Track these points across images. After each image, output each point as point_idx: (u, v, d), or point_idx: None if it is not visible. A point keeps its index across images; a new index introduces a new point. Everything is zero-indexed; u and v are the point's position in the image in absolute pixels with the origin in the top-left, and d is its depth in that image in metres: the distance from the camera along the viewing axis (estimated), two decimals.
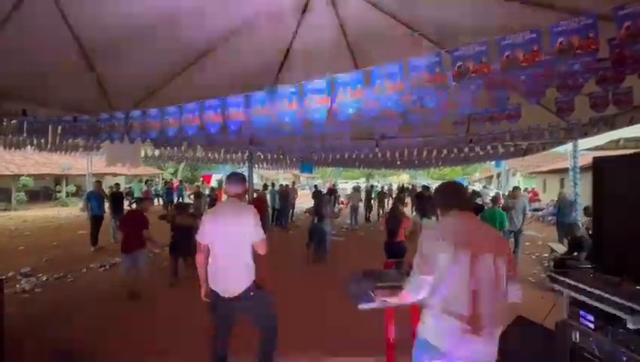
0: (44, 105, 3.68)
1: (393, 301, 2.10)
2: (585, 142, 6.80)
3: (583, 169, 6.14)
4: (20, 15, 2.49)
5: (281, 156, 9.10)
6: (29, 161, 18.10)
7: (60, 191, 20.36)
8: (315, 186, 13.88)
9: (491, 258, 1.63)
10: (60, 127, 3.40)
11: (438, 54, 2.03)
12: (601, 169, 2.63)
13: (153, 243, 4.74)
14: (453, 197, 1.84)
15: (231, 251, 2.39)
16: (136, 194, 14.55)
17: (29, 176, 17.98)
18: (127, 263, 4.66)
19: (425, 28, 3.18)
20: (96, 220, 7.93)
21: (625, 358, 1.96)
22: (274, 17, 3.23)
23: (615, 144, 9.26)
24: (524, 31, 1.80)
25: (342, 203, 15.30)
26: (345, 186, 24.84)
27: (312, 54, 3.78)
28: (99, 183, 8.65)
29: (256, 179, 18.85)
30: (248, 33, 3.36)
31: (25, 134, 4.03)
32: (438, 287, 1.66)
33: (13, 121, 3.67)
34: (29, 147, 8.22)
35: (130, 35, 3.09)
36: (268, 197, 11.65)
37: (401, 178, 30.39)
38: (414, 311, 2.32)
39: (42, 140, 6.64)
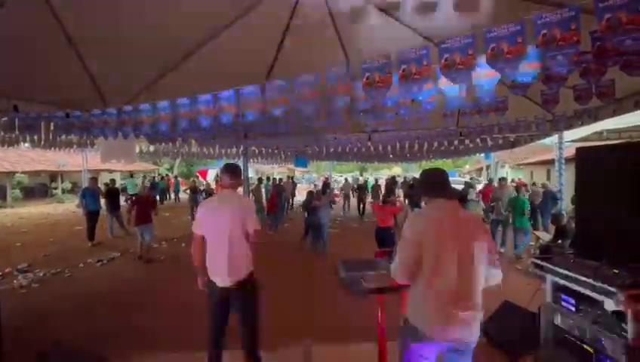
0: (36, 101, 3.68)
1: (383, 285, 2.21)
2: (570, 134, 6.92)
3: (569, 160, 6.27)
4: (9, 11, 2.49)
5: (276, 150, 9.12)
6: (24, 158, 17.94)
7: (55, 188, 20.24)
8: (292, 178, 14.02)
9: (473, 245, 1.70)
10: (52, 124, 3.40)
11: (426, 47, 2.07)
12: (583, 159, 2.72)
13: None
14: (437, 185, 1.88)
15: (226, 241, 2.43)
16: (131, 191, 14.60)
17: (24, 173, 17.84)
18: (139, 233, 6.54)
19: (414, 21, 3.22)
20: (91, 216, 7.94)
21: (603, 338, 2.07)
22: (266, 11, 3.25)
23: (598, 136, 9.35)
24: (509, 23, 1.84)
25: (336, 195, 15.48)
26: (339, 179, 25.80)
27: (305, 48, 3.80)
28: (94, 179, 8.65)
29: (251, 173, 18.85)
30: (241, 27, 3.37)
31: (17, 131, 4.02)
32: (422, 274, 1.72)
33: (4, 118, 3.66)
34: (22, 144, 8.19)
35: (122, 30, 3.09)
36: (262, 191, 11.69)
37: (393, 170, 30.53)
38: (404, 299, 2.39)
39: (35, 137, 6.62)
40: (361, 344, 3.11)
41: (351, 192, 14.63)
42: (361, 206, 13.15)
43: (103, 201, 8.55)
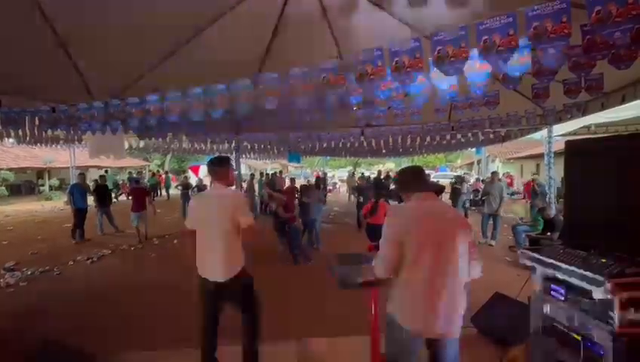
0: (21, 95, 3.57)
1: (373, 278, 2.22)
2: (559, 128, 7.06)
3: (557, 154, 6.38)
4: None
5: (269, 146, 9.06)
6: (9, 155, 17.50)
7: (42, 185, 19.81)
8: (266, 174, 14.05)
9: (452, 238, 1.71)
10: (37, 118, 3.31)
11: (418, 39, 2.06)
12: (572, 151, 2.75)
13: (152, 205, 8.14)
14: (415, 180, 1.89)
15: (217, 237, 2.40)
16: (110, 186, 14.46)
17: (9, 169, 17.40)
18: (136, 218, 7.70)
19: (406, 13, 3.21)
20: (79, 213, 7.79)
21: (590, 326, 2.11)
22: (258, 3, 3.20)
23: (587, 130, 9.59)
24: (501, 15, 1.85)
25: (330, 190, 15.55)
26: (332, 174, 26.18)
27: (297, 41, 3.77)
28: (82, 176, 8.48)
29: (244, 170, 18.75)
30: (232, 20, 3.32)
31: (0, 126, 3.90)
32: (402, 268, 1.73)
33: None
34: (7, 140, 7.97)
35: (109, 22, 3.01)
36: (256, 186, 11.65)
37: (386, 166, 30.63)
38: None
39: (20, 132, 6.44)
40: (355, 337, 3.12)
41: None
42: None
43: (91, 198, 8.40)
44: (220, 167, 2.53)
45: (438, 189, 2.02)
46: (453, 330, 1.73)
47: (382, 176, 13.46)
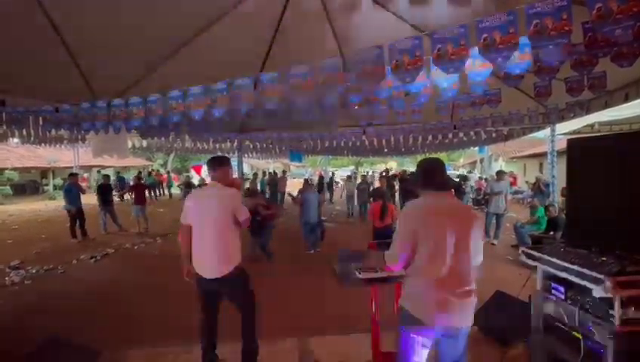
0: (25, 95, 3.60)
1: (377, 274, 2.24)
2: (562, 127, 7.01)
3: (561, 153, 6.34)
4: None
5: (271, 145, 9.08)
6: (13, 155, 17.63)
7: (46, 185, 19.96)
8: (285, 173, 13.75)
9: (466, 234, 1.72)
10: (40, 118, 3.34)
11: (419, 37, 2.06)
12: (574, 150, 2.74)
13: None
14: (434, 175, 1.88)
15: (215, 234, 2.42)
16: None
17: (14, 169, 17.54)
18: (138, 210, 8.67)
19: (406, 11, 3.21)
20: (78, 213, 7.81)
21: (590, 324, 2.10)
22: (260, 2, 3.21)
23: (590, 128, 9.51)
24: (502, 13, 1.84)
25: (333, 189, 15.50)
26: (342, 174, 25.99)
27: (298, 40, 3.77)
28: (74, 175, 8.53)
29: (246, 169, 18.79)
30: (234, 19, 3.33)
31: (4, 126, 3.94)
32: (418, 261, 1.74)
33: None
34: (12, 140, 8.05)
35: (111, 23, 3.03)
36: (258, 185, 11.67)
37: (389, 165, 30.58)
38: (398, 290, 2.41)
39: (24, 132, 6.51)
40: (355, 334, 3.14)
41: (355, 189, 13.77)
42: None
43: (84, 197, 8.39)
44: (220, 166, 2.58)
45: (455, 187, 2.02)
46: (468, 321, 1.76)
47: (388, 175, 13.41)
